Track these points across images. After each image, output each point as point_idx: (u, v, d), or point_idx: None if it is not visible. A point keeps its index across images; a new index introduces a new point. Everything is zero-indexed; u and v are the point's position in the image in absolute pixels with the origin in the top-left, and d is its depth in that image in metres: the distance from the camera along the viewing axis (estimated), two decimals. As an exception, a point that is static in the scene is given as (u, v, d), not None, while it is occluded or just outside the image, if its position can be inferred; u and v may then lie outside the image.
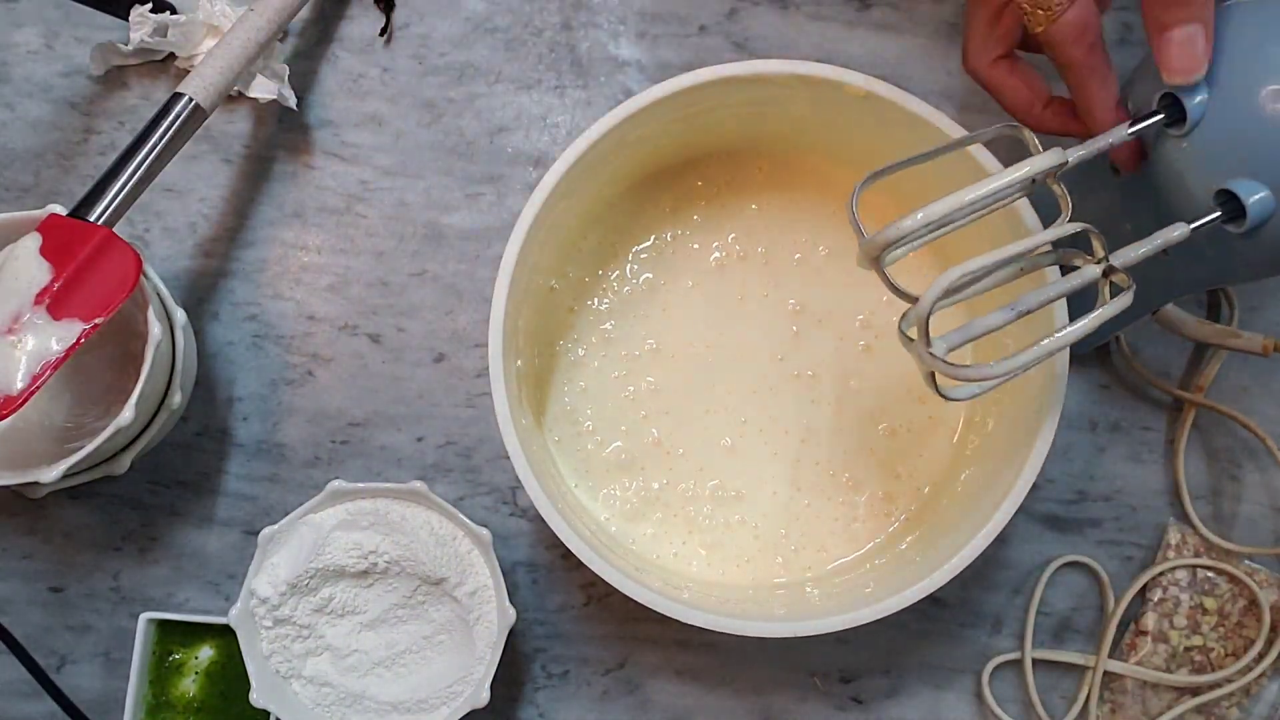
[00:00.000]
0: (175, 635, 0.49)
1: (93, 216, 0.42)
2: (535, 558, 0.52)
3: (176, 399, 0.47)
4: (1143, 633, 0.51)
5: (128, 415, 0.43)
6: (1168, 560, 0.51)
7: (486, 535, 0.46)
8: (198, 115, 0.45)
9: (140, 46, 0.51)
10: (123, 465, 0.47)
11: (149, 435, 0.47)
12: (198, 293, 0.53)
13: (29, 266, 0.41)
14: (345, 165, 0.53)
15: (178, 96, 0.45)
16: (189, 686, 0.49)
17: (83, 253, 0.41)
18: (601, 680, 0.52)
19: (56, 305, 0.41)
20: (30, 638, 0.49)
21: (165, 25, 0.51)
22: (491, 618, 0.47)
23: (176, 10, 0.52)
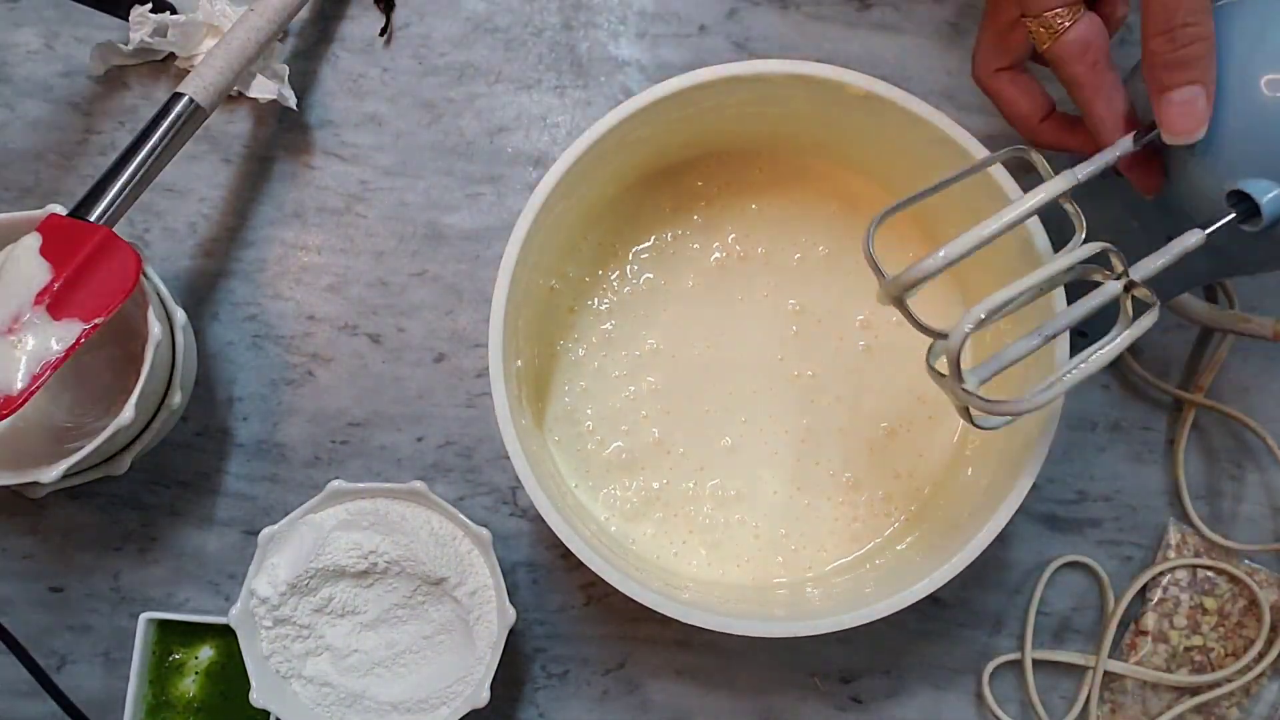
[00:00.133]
0: (175, 635, 0.49)
1: (93, 216, 0.42)
2: (535, 558, 0.52)
3: (176, 399, 0.47)
4: (1143, 633, 0.51)
5: (128, 415, 0.43)
6: (1168, 560, 0.51)
7: (486, 535, 0.46)
8: (198, 115, 0.45)
9: (140, 46, 0.51)
10: (123, 465, 0.47)
11: (149, 435, 0.47)
12: (198, 293, 0.53)
13: (29, 266, 0.41)
14: (345, 165, 0.53)
15: (178, 96, 0.45)
16: (189, 686, 0.49)
17: (83, 253, 0.41)
18: (601, 680, 0.52)
19: (56, 305, 0.41)
20: (30, 638, 0.49)
21: (165, 25, 0.51)
22: (491, 618, 0.47)
23: (176, 10, 0.52)
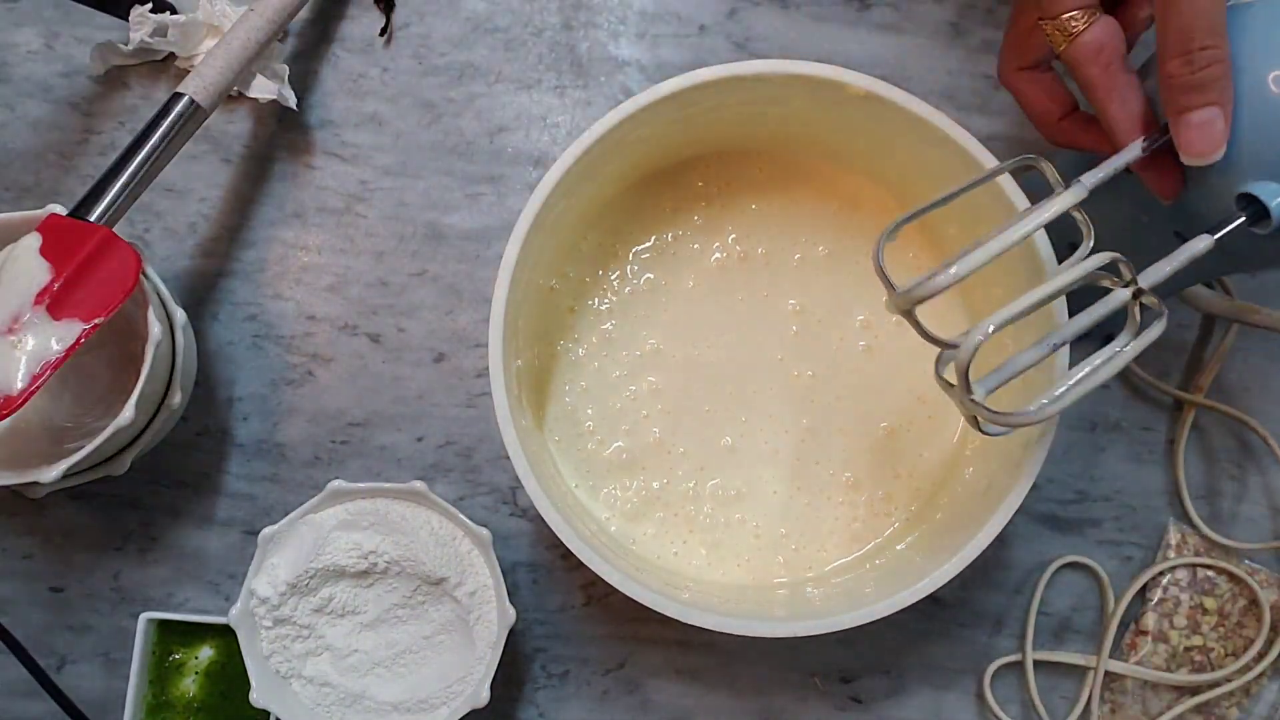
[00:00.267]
0: (175, 635, 0.49)
1: (93, 216, 0.42)
2: (535, 558, 0.52)
3: (176, 399, 0.47)
4: (1143, 633, 0.51)
5: (128, 415, 0.43)
6: (1168, 560, 0.51)
7: (486, 535, 0.46)
8: (198, 115, 0.45)
9: (140, 46, 0.51)
10: (123, 465, 0.47)
11: (149, 435, 0.47)
12: (198, 293, 0.53)
13: (29, 266, 0.41)
14: (345, 165, 0.53)
15: (178, 96, 0.45)
16: (189, 686, 0.49)
17: (83, 253, 0.41)
18: (601, 680, 0.52)
19: (56, 305, 0.41)
20: (30, 638, 0.49)
21: (165, 25, 0.51)
22: (491, 618, 0.47)
23: (176, 10, 0.52)
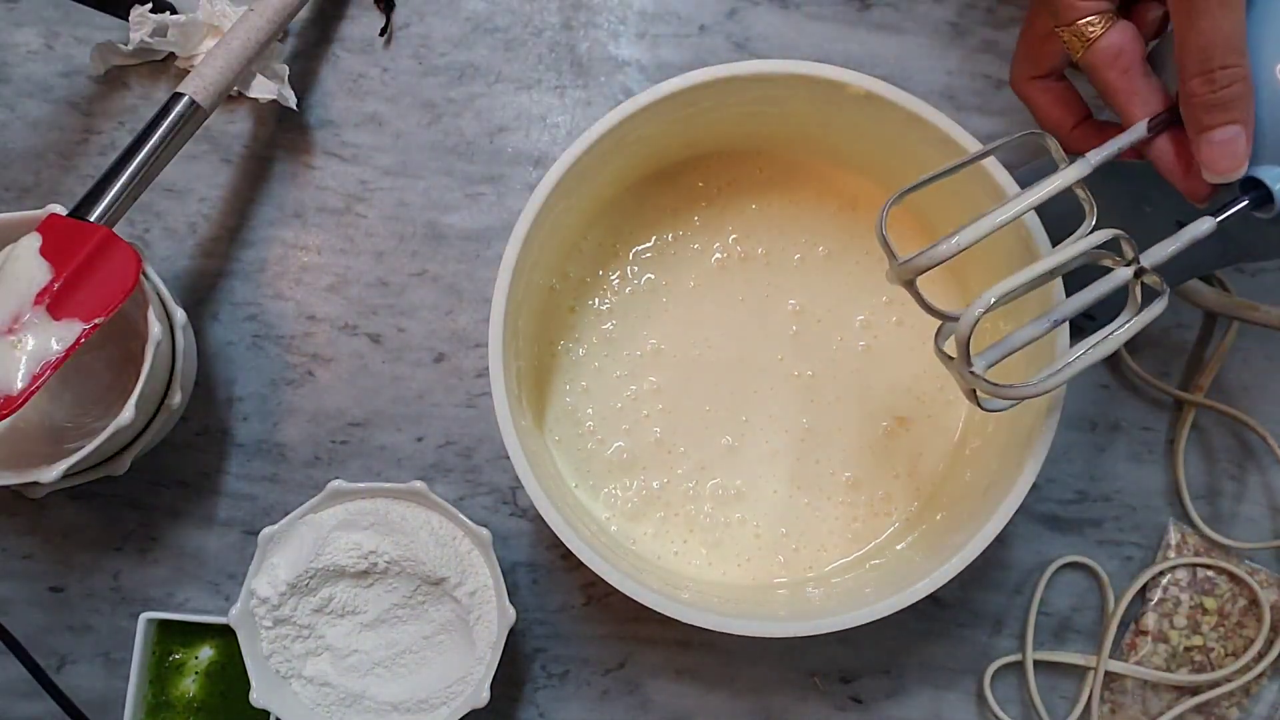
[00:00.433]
0: (175, 635, 0.49)
1: (93, 216, 0.42)
2: (535, 558, 0.52)
3: (176, 399, 0.47)
4: (1143, 633, 0.51)
5: (128, 415, 0.43)
6: (1168, 560, 0.51)
7: (486, 535, 0.46)
8: (198, 115, 0.45)
9: (140, 46, 0.51)
10: (123, 465, 0.47)
11: (149, 435, 0.47)
12: (198, 293, 0.53)
13: (29, 266, 0.41)
14: (345, 165, 0.53)
15: (178, 96, 0.45)
16: (189, 686, 0.49)
17: (83, 253, 0.41)
18: (601, 680, 0.52)
19: (56, 305, 0.41)
20: (30, 638, 0.49)
21: (165, 25, 0.51)
22: (491, 618, 0.47)
23: (176, 10, 0.52)
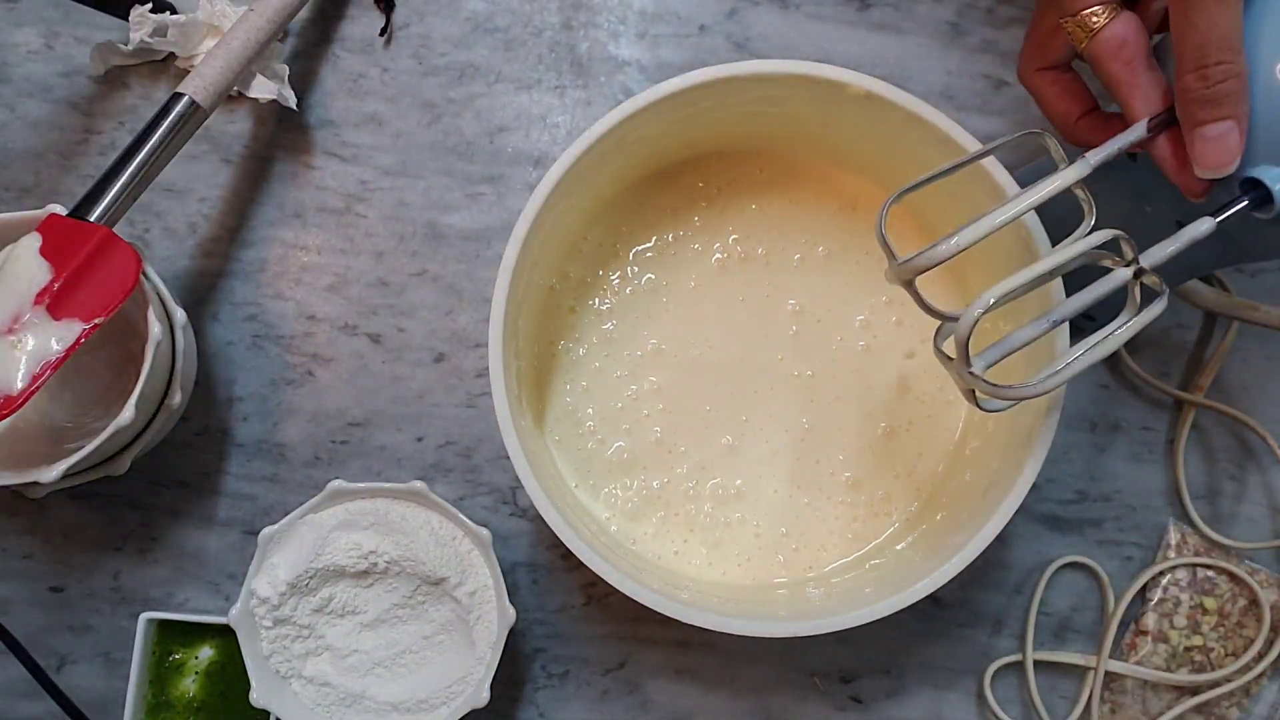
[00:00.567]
0: (175, 635, 0.49)
1: (93, 216, 0.42)
2: (535, 558, 0.52)
3: (176, 399, 0.47)
4: (1143, 633, 0.51)
5: (128, 415, 0.43)
6: (1168, 560, 0.51)
7: (486, 535, 0.46)
8: (198, 115, 0.45)
9: (140, 46, 0.51)
10: (123, 465, 0.47)
11: (149, 435, 0.47)
12: (198, 293, 0.53)
13: (29, 266, 0.41)
14: (345, 165, 0.53)
15: (178, 96, 0.45)
16: (189, 686, 0.49)
17: (83, 253, 0.41)
18: (601, 680, 0.52)
19: (56, 305, 0.41)
20: (30, 638, 0.49)
21: (165, 25, 0.51)
22: (491, 618, 0.47)
23: (176, 10, 0.52)
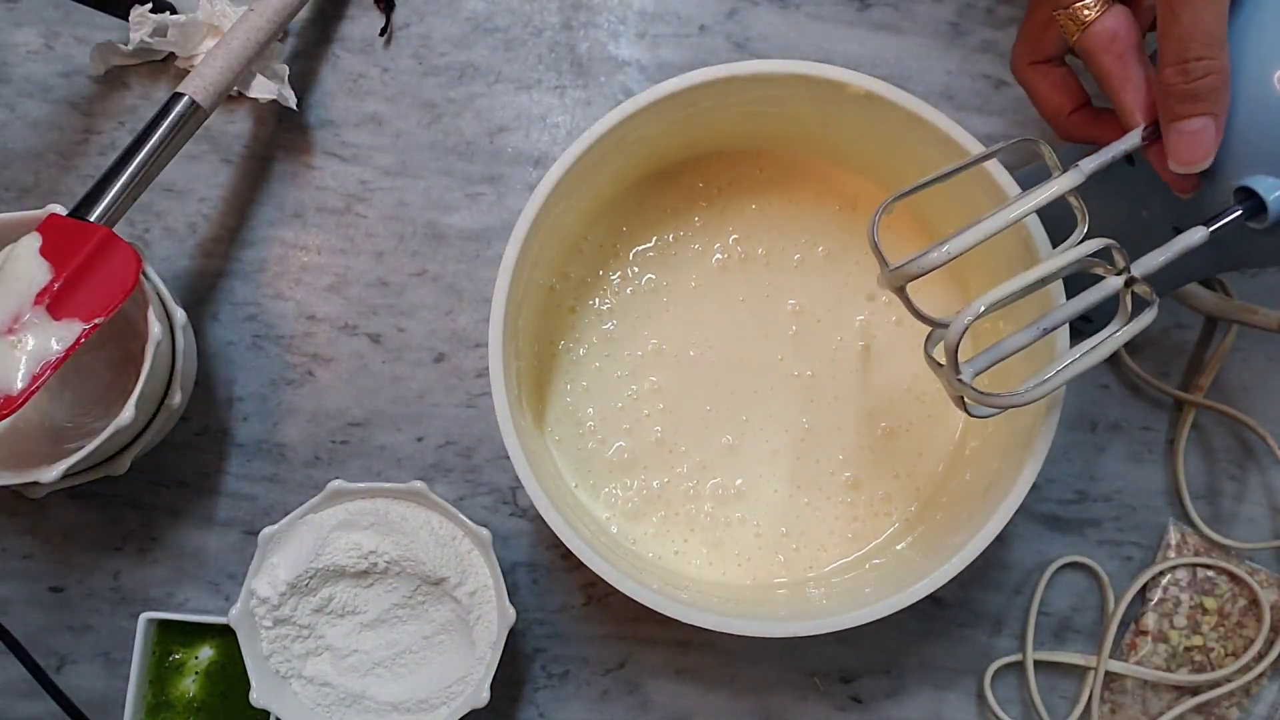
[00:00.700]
0: (175, 635, 0.49)
1: (93, 216, 0.42)
2: (535, 558, 0.52)
3: (176, 399, 0.47)
4: (1143, 633, 0.51)
5: (128, 415, 0.43)
6: (1168, 560, 0.51)
7: (486, 535, 0.46)
8: (198, 115, 0.45)
9: (140, 46, 0.51)
10: (123, 465, 0.47)
11: (149, 435, 0.47)
12: (198, 293, 0.53)
13: (29, 266, 0.41)
14: (345, 165, 0.53)
15: (178, 96, 0.45)
16: (189, 686, 0.49)
17: (83, 253, 0.41)
18: (601, 680, 0.52)
19: (56, 305, 0.41)
20: (30, 638, 0.49)
21: (165, 25, 0.51)
22: (491, 618, 0.47)
23: (176, 10, 0.52)
